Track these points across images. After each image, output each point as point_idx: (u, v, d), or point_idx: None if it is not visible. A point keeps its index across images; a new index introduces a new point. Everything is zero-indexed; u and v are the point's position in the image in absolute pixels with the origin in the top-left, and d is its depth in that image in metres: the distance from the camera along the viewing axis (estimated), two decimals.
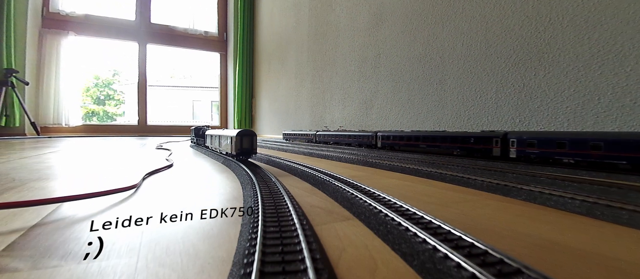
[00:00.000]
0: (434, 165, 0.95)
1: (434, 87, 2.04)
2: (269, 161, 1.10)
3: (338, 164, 1.12)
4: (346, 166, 1.04)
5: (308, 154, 1.48)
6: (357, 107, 2.62)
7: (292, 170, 0.86)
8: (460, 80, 1.91)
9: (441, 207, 0.52)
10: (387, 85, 2.35)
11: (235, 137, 0.90)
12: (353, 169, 0.98)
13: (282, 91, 4.00)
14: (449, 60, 1.97)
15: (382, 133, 1.67)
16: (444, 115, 1.99)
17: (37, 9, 4.06)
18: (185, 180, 0.77)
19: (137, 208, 0.50)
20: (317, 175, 0.72)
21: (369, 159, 1.12)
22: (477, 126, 1.83)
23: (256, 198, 0.47)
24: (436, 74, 2.03)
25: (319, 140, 2.39)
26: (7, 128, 3.58)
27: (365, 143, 1.80)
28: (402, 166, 0.92)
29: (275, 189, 0.56)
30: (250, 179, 0.66)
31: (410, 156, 1.22)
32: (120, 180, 0.74)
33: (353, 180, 0.65)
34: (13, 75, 3.48)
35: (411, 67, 2.18)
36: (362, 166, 1.04)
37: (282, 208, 0.43)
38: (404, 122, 2.20)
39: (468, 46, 1.88)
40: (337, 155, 1.30)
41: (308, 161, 1.22)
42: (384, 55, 2.38)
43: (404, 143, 1.51)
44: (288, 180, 0.75)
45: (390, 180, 0.77)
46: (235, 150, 0.90)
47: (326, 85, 3.04)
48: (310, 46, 3.34)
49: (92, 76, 11.42)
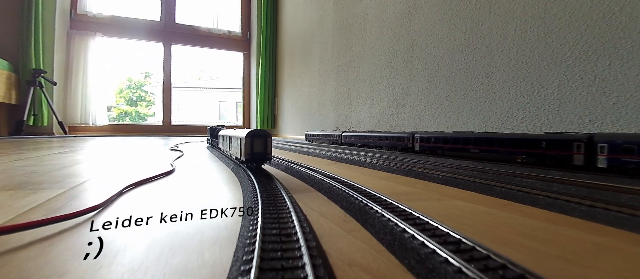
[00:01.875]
0: (505, 178, 0.71)
1: (480, 82, 1.77)
2: (287, 168, 0.90)
3: (372, 173, 0.90)
4: (383, 177, 0.83)
5: (334, 158, 1.27)
6: (386, 105, 2.38)
7: (315, 183, 0.66)
8: (512, 73, 1.63)
9: (579, 268, 0.30)
10: (421, 81, 2.10)
11: (245, 138, 0.71)
12: (393, 181, 0.76)
13: (305, 90, 3.82)
14: (498, 50, 1.70)
15: (421, 135, 1.43)
16: (492, 113, 1.71)
17: (65, 11, 4.12)
18: (169, 196, 0.58)
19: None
20: (351, 194, 0.51)
21: (409, 166, 0.90)
22: (535, 126, 1.54)
23: (251, 253, 0.27)
24: (482, 66, 1.76)
25: (345, 142, 2.17)
26: (35, 127, 3.63)
27: (399, 146, 1.56)
28: (461, 180, 0.69)
29: (289, 220, 0.36)
30: (255, 196, 0.46)
31: (460, 164, 0.98)
32: (86, 197, 0.57)
33: (403, 203, 0.44)
34: (41, 75, 3.52)
35: (451, 59, 1.92)
36: (403, 177, 0.81)
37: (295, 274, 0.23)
38: (442, 121, 1.94)
39: (522, 32, 1.61)
40: (369, 160, 1.08)
41: (335, 168, 1.01)
42: (418, 47, 2.13)
43: (450, 146, 1.26)
44: (310, 200, 0.54)
45: (456, 203, 0.54)
46: (245, 155, 0.71)
47: (352, 83, 2.82)
48: (335, 41, 3.13)
49: (125, 78, 11.91)
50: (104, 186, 0.64)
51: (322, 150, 1.76)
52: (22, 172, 0.84)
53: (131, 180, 0.70)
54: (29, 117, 3.48)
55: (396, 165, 0.94)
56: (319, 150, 1.69)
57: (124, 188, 0.60)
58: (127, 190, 0.60)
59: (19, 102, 3.42)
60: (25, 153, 1.37)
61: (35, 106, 3.54)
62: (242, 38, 5.53)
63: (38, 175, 0.79)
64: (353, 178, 0.67)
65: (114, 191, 0.56)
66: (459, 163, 1.03)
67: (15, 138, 2.95)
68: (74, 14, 4.28)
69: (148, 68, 11.84)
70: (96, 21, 4.42)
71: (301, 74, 3.97)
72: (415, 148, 1.45)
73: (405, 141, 1.51)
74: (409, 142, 1.48)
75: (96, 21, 4.42)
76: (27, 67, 3.50)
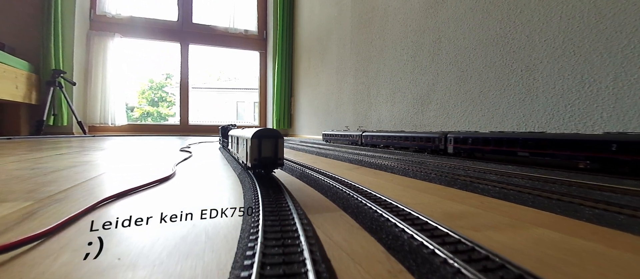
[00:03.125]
0: (583, 192, 0.55)
1: (518, 76, 1.58)
2: (302, 175, 0.76)
3: (405, 182, 0.75)
4: (421, 188, 0.67)
5: (355, 162, 1.12)
6: (409, 103, 2.21)
7: (338, 197, 0.52)
8: (557, 65, 1.44)
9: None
10: (449, 76, 1.91)
11: (250, 140, 0.58)
12: (437, 194, 0.61)
13: (322, 88, 3.68)
14: (540, 40, 1.50)
15: (455, 135, 1.25)
16: (533, 111, 1.52)
17: (84, 12, 4.16)
18: (145, 214, 0.45)
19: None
20: (392, 220, 0.36)
21: (448, 173, 0.75)
22: (585, 126, 1.35)
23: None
24: (521, 58, 1.57)
25: (366, 143, 2.01)
26: (55, 127, 3.67)
27: (429, 147, 1.39)
28: (528, 195, 0.54)
29: (301, 272, 0.22)
30: (256, 221, 0.33)
31: (511, 171, 0.82)
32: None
33: (468, 235, 0.29)
34: (61, 75, 3.55)
35: (484, 52, 1.73)
36: (447, 189, 0.66)
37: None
38: (474, 120, 1.76)
39: (569, 19, 1.41)
40: (397, 165, 0.93)
41: (359, 174, 0.87)
42: (445, 39, 1.95)
43: (491, 149, 1.09)
44: (333, 227, 0.40)
45: (539, 233, 0.39)
46: (250, 159, 0.58)
47: (372, 80, 2.66)
48: (353, 37, 2.98)
49: (147, 79, 12.24)
50: (80, 199, 0.53)
51: (341, 151, 1.62)
52: (5, 177, 0.74)
53: (117, 188, 0.58)
54: (48, 117, 3.51)
55: (432, 172, 0.78)
56: (338, 152, 1.55)
57: (100, 202, 0.48)
58: (103, 204, 0.48)
59: (39, 102, 3.46)
60: (28, 154, 1.29)
61: (54, 106, 3.57)
62: (258, 37, 5.46)
63: (18, 181, 0.69)
64: (385, 189, 0.53)
65: (85, 206, 0.44)
66: (506, 169, 0.86)
67: (33, 138, 2.97)
68: (93, 15, 4.32)
69: (169, 70, 12.12)
70: (115, 22, 4.45)
71: (318, 72, 3.84)
72: (448, 150, 1.27)
73: (436, 142, 1.33)
74: (440, 143, 1.31)
75: (115, 22, 4.45)
76: (47, 68, 3.53)
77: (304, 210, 0.43)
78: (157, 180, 0.67)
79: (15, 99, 3.02)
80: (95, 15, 4.33)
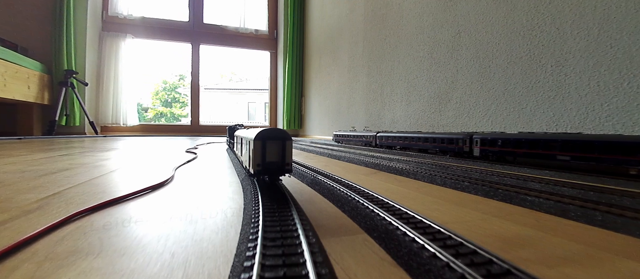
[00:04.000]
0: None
1: (548, 72, 1.45)
2: (314, 182, 0.67)
3: (436, 192, 0.65)
4: (458, 201, 0.57)
5: (372, 166, 1.02)
6: (426, 102, 2.09)
7: (359, 214, 0.42)
8: (592, 59, 1.31)
9: None
10: (470, 73, 1.79)
11: (253, 142, 0.49)
12: (480, 209, 0.51)
13: (334, 87, 3.59)
14: (572, 32, 1.37)
15: (482, 136, 1.14)
16: (565, 110, 1.39)
17: (97, 13, 4.18)
18: (114, 235, 0.37)
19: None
20: (442, 256, 0.27)
21: (482, 181, 0.64)
22: (625, 126, 1.21)
23: None
24: (551, 53, 1.45)
25: (381, 144, 1.90)
26: (67, 127, 3.69)
27: (452, 149, 1.27)
28: (596, 211, 0.43)
29: None
30: (252, 254, 0.24)
31: (554, 178, 0.70)
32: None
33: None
34: (73, 76, 3.56)
35: (509, 46, 1.61)
36: (490, 202, 0.55)
37: None
38: (498, 120, 1.63)
39: (605, 8, 1.28)
40: (421, 170, 0.83)
41: (379, 181, 0.77)
42: (466, 33, 1.83)
43: (525, 152, 0.97)
44: (357, 262, 0.30)
45: (630, 267, 0.29)
46: (253, 165, 0.49)
47: (385, 78, 2.55)
48: (366, 34, 2.88)
49: (161, 81, 12.45)
50: (54, 212, 0.45)
51: (355, 153, 1.52)
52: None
53: (102, 196, 0.50)
54: (61, 117, 3.52)
55: (463, 178, 0.68)
56: (352, 154, 1.46)
57: (71, 217, 0.40)
58: (75, 219, 0.40)
59: (52, 103, 3.47)
60: (27, 155, 1.24)
61: (67, 106, 3.59)
62: (269, 36, 5.41)
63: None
64: (413, 202, 0.43)
65: (50, 222, 0.36)
66: (550, 176, 0.75)
67: (44, 138, 2.97)
68: (105, 16, 4.34)
69: (182, 71, 12.30)
70: (126, 23, 4.46)
71: (329, 72, 3.75)
72: (473, 153, 1.16)
73: (461, 144, 1.22)
74: (465, 145, 1.19)
75: (126, 23, 4.46)
76: (60, 68, 3.55)
77: (315, 232, 0.34)
78: (149, 187, 0.59)
79: (27, 99, 3.03)
80: (108, 16, 4.35)
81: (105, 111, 4.29)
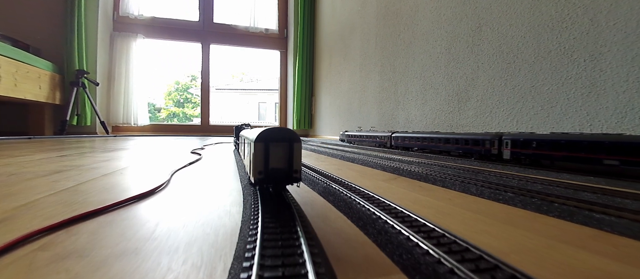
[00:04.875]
0: None
1: (580, 67, 1.33)
2: (327, 191, 0.57)
3: (475, 205, 0.55)
4: (505, 219, 0.47)
5: (391, 170, 0.93)
6: (443, 101, 1.97)
7: (390, 242, 0.33)
8: (631, 52, 1.18)
9: None
10: (492, 69, 1.67)
11: (254, 144, 0.40)
12: (540, 232, 0.41)
13: (345, 86, 3.49)
14: (607, 23, 1.25)
15: (513, 137, 1.02)
16: (601, 108, 1.26)
17: (108, 13, 4.18)
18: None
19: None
20: None
21: (525, 188, 0.54)
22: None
23: None
24: (584, 46, 1.32)
25: (397, 145, 1.79)
26: (79, 127, 3.70)
27: (477, 152, 1.15)
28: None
29: None
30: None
31: (615, 188, 0.59)
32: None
33: None
34: (84, 76, 3.56)
35: (536, 39, 1.49)
36: (545, 219, 0.45)
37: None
38: (524, 120, 1.51)
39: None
40: (450, 176, 0.73)
41: (403, 190, 0.68)
42: (487, 27, 1.71)
43: (564, 155, 0.85)
44: None
45: None
46: (254, 172, 0.41)
47: (399, 76, 2.44)
48: (379, 30, 2.77)
49: (173, 81, 12.62)
50: (14, 230, 0.37)
51: (369, 155, 1.42)
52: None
53: (81, 207, 0.42)
54: (72, 117, 3.53)
55: (502, 187, 0.58)
56: (366, 156, 1.36)
57: (20, 239, 0.32)
58: (30, 240, 0.32)
59: (64, 103, 3.48)
60: (24, 156, 1.19)
61: (78, 106, 3.59)
62: (279, 36, 5.35)
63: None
64: (452, 219, 0.34)
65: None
66: (599, 184, 0.64)
67: (54, 137, 2.96)
68: (116, 16, 4.34)
69: (194, 72, 12.44)
70: (137, 23, 4.46)
71: (340, 70, 3.65)
72: (503, 156, 1.04)
73: (488, 145, 1.10)
74: (492, 147, 1.08)
75: (137, 23, 4.46)
76: (71, 68, 3.56)
77: (332, 269, 0.25)
78: (135, 197, 0.51)
79: (38, 99, 3.03)
80: (119, 16, 4.36)
81: (116, 111, 4.30)
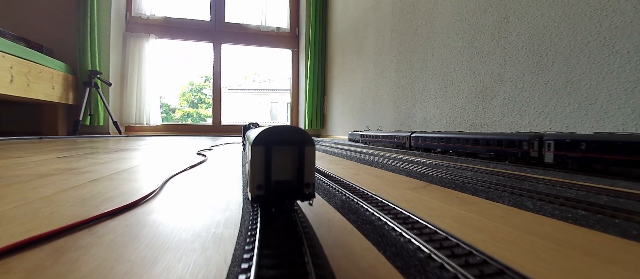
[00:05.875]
0: None
1: (624, 58, 1.18)
2: (346, 206, 0.47)
3: (543, 228, 0.44)
4: (595, 251, 0.36)
5: (417, 176, 0.81)
6: (466, 98, 1.84)
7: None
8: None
9: None
10: (521, 63, 1.53)
11: (252, 147, 0.30)
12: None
13: (358, 85, 3.38)
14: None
15: (557, 137, 0.89)
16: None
17: (120, 14, 4.19)
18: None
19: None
20: None
21: (601, 203, 0.43)
22: None
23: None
24: (627, 36, 1.18)
25: (417, 146, 1.66)
26: (92, 127, 3.71)
27: (513, 154, 1.02)
28: None
29: None
30: None
31: None
32: None
33: None
34: (97, 76, 3.57)
35: (571, 30, 1.34)
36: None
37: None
38: (559, 118, 1.37)
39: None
40: (494, 184, 0.61)
41: (439, 204, 0.57)
42: (515, 17, 1.57)
43: (621, 158, 0.72)
44: None
45: None
46: (252, 186, 0.31)
47: (417, 73, 2.31)
48: (394, 25, 2.65)
49: (187, 82, 12.78)
50: None
51: (387, 157, 1.31)
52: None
53: (31, 228, 0.34)
54: (85, 117, 3.54)
55: (573, 202, 0.46)
56: (385, 158, 1.25)
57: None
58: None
59: (77, 103, 3.49)
60: (20, 158, 1.14)
61: (91, 106, 3.60)
62: (290, 34, 5.27)
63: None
64: (525, 255, 0.24)
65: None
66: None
67: (65, 137, 2.96)
68: (129, 17, 4.35)
69: (207, 73, 12.58)
70: (149, 23, 4.45)
71: (353, 68, 3.54)
72: (544, 159, 0.91)
73: (526, 147, 0.97)
74: (531, 149, 0.95)
75: (149, 23, 4.45)
76: (84, 69, 3.56)
77: None
78: (109, 213, 0.43)
79: (51, 99, 3.04)
80: (131, 16, 4.36)
81: (129, 111, 4.30)
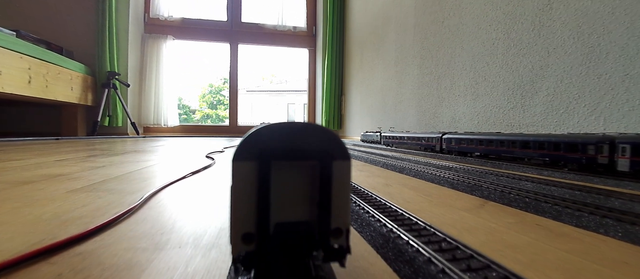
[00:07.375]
0: None
1: None
2: (387, 244, 0.33)
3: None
4: None
5: (464, 188, 0.66)
6: (501, 95, 1.66)
7: None
8: None
9: None
10: (568, 55, 1.35)
11: (235, 164, 0.17)
12: None
13: (378, 83, 3.22)
14: None
15: (633, 141, 0.71)
16: None
17: (139, 16, 4.21)
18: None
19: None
20: None
21: None
22: None
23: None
24: None
25: (449, 149, 1.48)
26: (110, 128, 3.73)
27: (574, 160, 0.84)
28: None
29: None
30: None
31: None
32: None
33: None
34: (115, 77, 3.58)
35: (629, 15, 1.15)
36: None
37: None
38: (614, 118, 1.18)
39: None
40: (583, 204, 0.47)
41: (520, 237, 0.43)
42: (559, 3, 1.39)
43: None
44: None
45: None
46: (236, 237, 0.16)
47: (443, 69, 2.14)
48: (418, 19, 2.48)
49: (207, 84, 12.98)
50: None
51: (419, 163, 1.17)
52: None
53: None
54: (103, 118, 3.56)
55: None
56: (415, 163, 1.11)
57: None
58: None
59: (95, 104, 3.52)
60: (20, 160, 1.07)
61: (109, 107, 3.62)
62: (307, 33, 5.17)
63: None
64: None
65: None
66: None
67: (81, 138, 2.96)
68: (147, 19, 4.37)
69: (226, 75, 12.76)
70: (167, 24, 4.46)
71: (372, 67, 3.38)
72: (617, 166, 0.74)
73: (592, 151, 0.79)
74: (600, 154, 0.78)
75: (167, 24, 4.46)
76: (103, 70, 3.59)
77: None
78: (66, 241, 0.32)
79: (70, 100, 3.06)
80: (149, 18, 4.38)
81: (147, 112, 4.32)
